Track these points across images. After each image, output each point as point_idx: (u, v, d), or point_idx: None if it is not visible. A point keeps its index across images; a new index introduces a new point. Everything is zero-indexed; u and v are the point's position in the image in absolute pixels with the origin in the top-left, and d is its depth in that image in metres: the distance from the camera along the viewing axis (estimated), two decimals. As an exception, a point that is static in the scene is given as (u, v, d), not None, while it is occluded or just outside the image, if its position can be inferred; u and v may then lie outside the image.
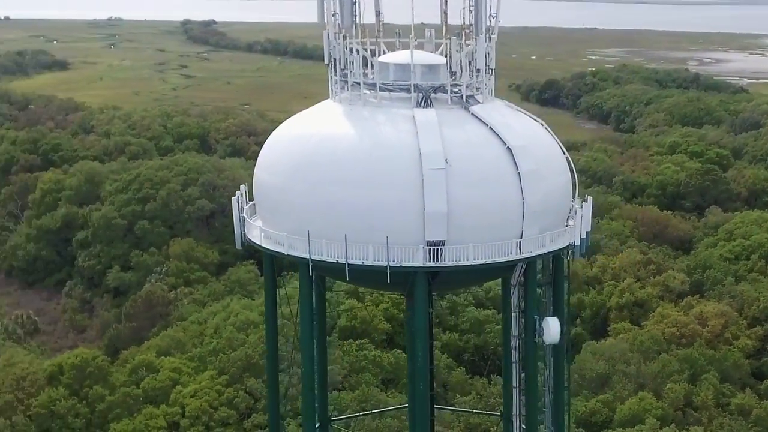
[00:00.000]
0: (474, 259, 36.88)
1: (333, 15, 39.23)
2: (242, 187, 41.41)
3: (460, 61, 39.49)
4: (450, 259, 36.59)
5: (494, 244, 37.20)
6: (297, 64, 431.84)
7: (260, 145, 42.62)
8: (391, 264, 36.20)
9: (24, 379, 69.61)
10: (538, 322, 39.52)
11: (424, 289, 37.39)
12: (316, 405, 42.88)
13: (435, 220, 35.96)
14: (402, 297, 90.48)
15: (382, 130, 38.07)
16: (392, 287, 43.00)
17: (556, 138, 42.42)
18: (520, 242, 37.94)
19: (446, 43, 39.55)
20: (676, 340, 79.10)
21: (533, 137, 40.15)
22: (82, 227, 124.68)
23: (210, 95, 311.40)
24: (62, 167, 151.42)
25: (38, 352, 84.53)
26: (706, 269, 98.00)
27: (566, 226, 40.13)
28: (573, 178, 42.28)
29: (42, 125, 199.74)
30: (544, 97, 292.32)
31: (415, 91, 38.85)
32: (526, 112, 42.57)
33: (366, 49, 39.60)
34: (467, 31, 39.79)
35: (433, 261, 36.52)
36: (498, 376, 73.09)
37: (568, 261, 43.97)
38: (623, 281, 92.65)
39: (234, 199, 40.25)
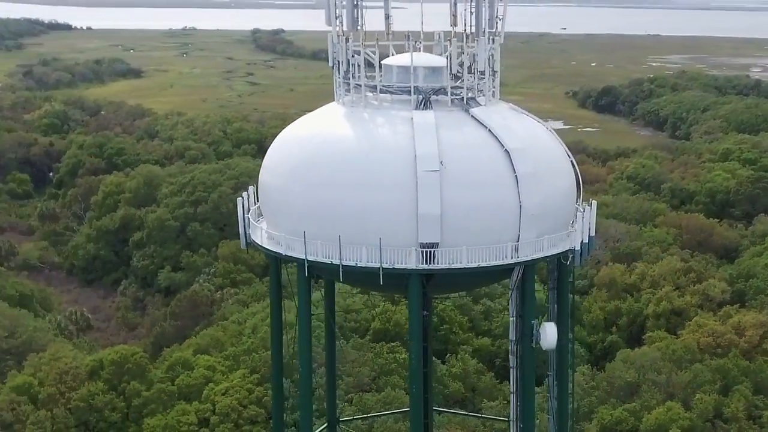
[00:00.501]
0: (468, 262, 36.06)
1: (337, 18, 38.97)
2: (250, 188, 41.37)
3: (462, 63, 38.86)
4: (443, 261, 35.87)
5: (489, 247, 36.32)
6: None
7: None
8: (384, 266, 35.64)
9: (67, 373, 70.86)
10: (535, 327, 38.48)
11: (418, 291, 36.69)
12: (325, 406, 42.71)
13: (428, 222, 35.28)
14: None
15: (379, 132, 37.64)
16: (389, 289, 42.53)
17: (561, 141, 41.38)
18: (516, 246, 37.05)
19: (447, 46, 38.80)
20: (712, 350, 76.48)
21: (534, 140, 39.16)
22: (138, 228, 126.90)
23: (273, 102, 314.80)
24: (124, 170, 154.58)
25: (87, 348, 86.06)
26: (750, 278, 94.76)
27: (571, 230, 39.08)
28: (578, 182, 41.35)
29: (110, 130, 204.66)
30: (600, 103, 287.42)
31: (415, 93, 38.35)
32: (531, 115, 41.62)
33: (368, 52, 39.13)
34: (468, 33, 39.09)
35: (427, 263, 35.85)
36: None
37: (572, 266, 43.06)
38: (661, 289, 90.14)
39: (239, 200, 40.28)
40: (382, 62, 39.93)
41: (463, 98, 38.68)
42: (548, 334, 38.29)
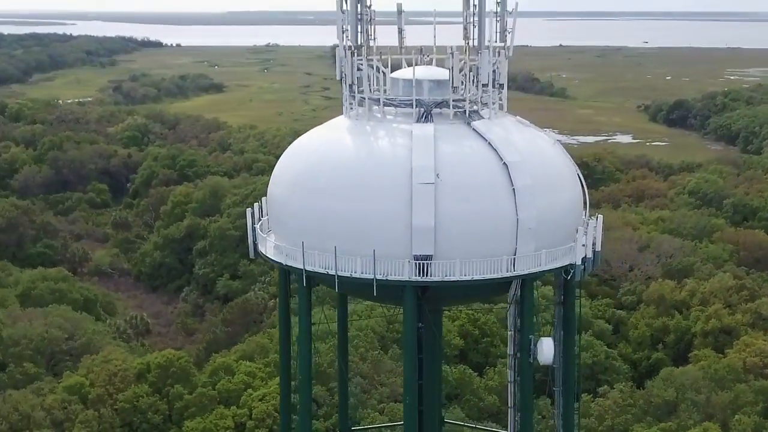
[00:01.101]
0: (461, 275, 35.47)
1: (344, 32, 39.01)
2: (262, 199, 41.71)
3: (465, 76, 38.45)
4: (437, 274, 35.40)
5: (484, 260, 35.60)
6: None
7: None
8: (378, 277, 35.42)
9: (116, 375, 72.51)
10: (533, 342, 37.62)
11: (412, 302, 36.26)
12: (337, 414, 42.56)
13: (422, 235, 34.85)
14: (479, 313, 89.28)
15: (378, 144, 37.42)
16: (386, 300, 42.21)
17: (568, 154, 40.49)
18: (513, 259, 36.34)
19: (456, 59, 38.37)
20: (758, 370, 73.43)
21: (535, 153, 38.30)
22: (202, 237, 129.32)
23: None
24: (194, 182, 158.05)
25: (141, 351, 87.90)
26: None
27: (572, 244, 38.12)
28: (584, 196, 40.36)
29: (186, 143, 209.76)
30: (671, 117, 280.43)
31: (417, 106, 38.12)
32: (537, 128, 40.83)
33: (378, 66, 39.04)
34: (470, 46, 38.68)
35: (421, 275, 35.47)
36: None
37: (580, 281, 42.00)
38: (711, 306, 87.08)
39: (248, 211, 40.58)
40: (389, 76, 39.91)
41: (465, 111, 38.28)
42: (545, 349, 37.39)
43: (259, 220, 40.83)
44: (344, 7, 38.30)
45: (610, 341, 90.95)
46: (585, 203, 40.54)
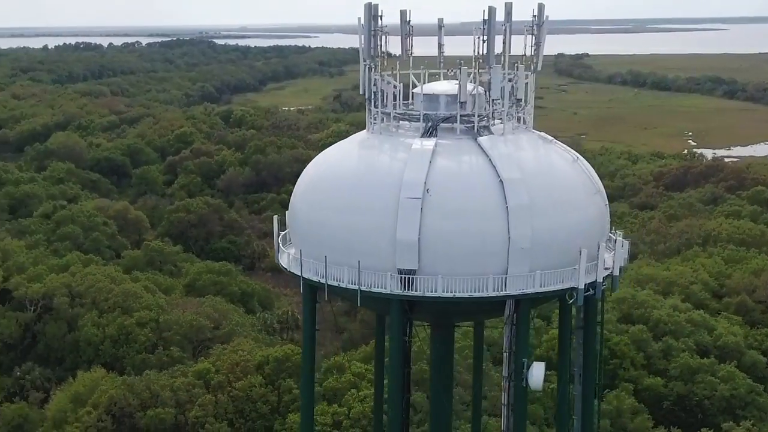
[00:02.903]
0: (444, 291, 35.02)
1: (365, 46, 39.54)
2: None
3: (483, 90, 37.73)
4: (420, 288, 35.17)
5: (469, 278, 34.93)
6: (652, 96, 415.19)
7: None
8: (362, 288, 35.77)
9: (238, 364, 77.02)
10: (525, 366, 36.07)
11: (398, 317, 36.27)
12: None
13: (405, 249, 34.81)
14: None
15: (379, 158, 37.77)
16: (379, 311, 41.84)
17: (589, 173, 38.34)
18: (505, 279, 35.21)
19: (459, 73, 37.80)
20: None
21: (544, 171, 36.94)
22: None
23: (550, 125, 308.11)
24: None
25: (275, 344, 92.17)
26: None
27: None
28: (604, 218, 38.07)
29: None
30: None
31: (423, 121, 37.97)
32: (560, 145, 39.08)
33: (388, 81, 39.29)
34: (480, 60, 37.88)
35: (405, 289, 35.33)
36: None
37: (602, 305, 39.69)
38: None
39: (275, 219, 41.82)
40: (412, 91, 40.01)
41: (474, 126, 37.56)
42: (535, 374, 35.80)
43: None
44: (364, 22, 38.76)
45: (763, 375, 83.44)
46: (606, 225, 38.39)
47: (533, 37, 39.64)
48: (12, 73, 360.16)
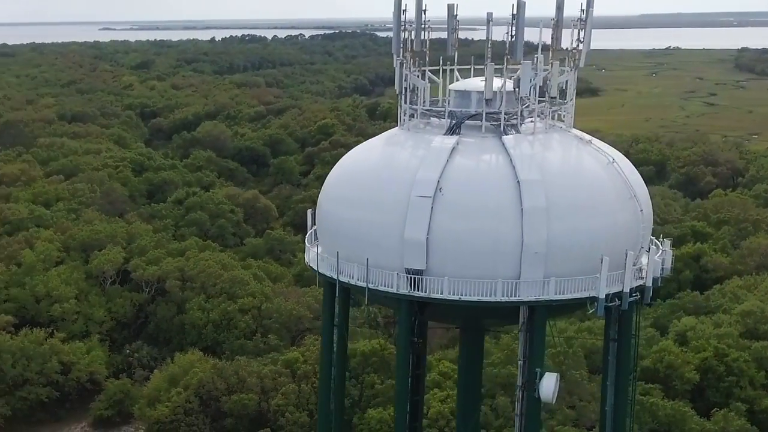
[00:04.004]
0: (449, 294, 34.52)
1: (396, 42, 39.48)
2: None
3: (504, 88, 36.86)
4: (427, 289, 34.84)
5: (476, 281, 34.27)
6: None
7: (717, 176, 41.69)
8: (370, 286, 35.84)
9: (327, 356, 78.82)
10: (538, 376, 34.89)
11: (407, 317, 36.08)
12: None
13: (413, 248, 34.63)
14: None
15: (399, 154, 37.65)
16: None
17: (628, 178, 36.47)
18: (516, 283, 34.27)
19: (485, 68, 37.01)
20: None
21: (571, 173, 35.66)
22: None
23: (721, 123, 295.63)
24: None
25: (372, 338, 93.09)
26: None
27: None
28: (639, 224, 36.13)
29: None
30: None
31: (448, 118, 37.50)
32: (597, 147, 37.38)
33: (418, 76, 39.00)
34: (508, 56, 36.90)
35: (414, 289, 35.10)
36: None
37: (637, 318, 37.76)
38: None
39: (309, 213, 42.05)
40: (448, 87, 39.60)
41: (500, 124, 36.73)
42: (545, 385, 34.58)
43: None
44: (402, 18, 38.65)
45: None
46: (640, 234, 36.41)
47: (577, 32, 38.16)
48: (176, 64, 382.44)
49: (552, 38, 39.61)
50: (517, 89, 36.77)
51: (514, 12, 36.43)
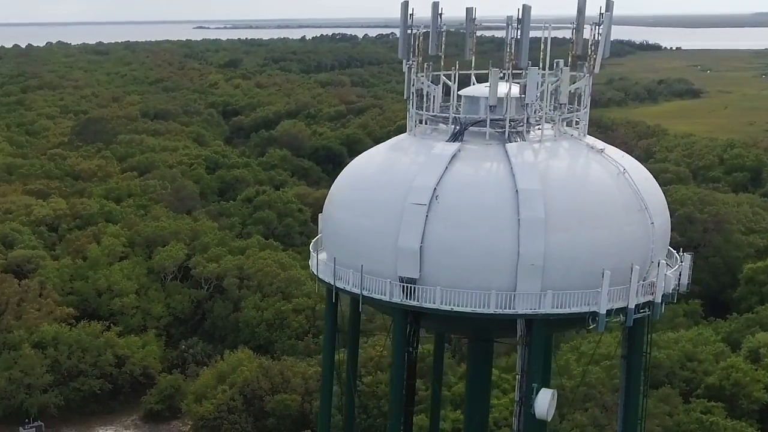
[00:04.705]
0: (441, 304, 34.27)
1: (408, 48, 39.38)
2: None
3: (509, 93, 36.35)
4: (420, 299, 34.69)
5: (469, 292, 33.93)
6: None
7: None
8: (364, 293, 35.94)
9: (372, 359, 79.01)
10: (535, 392, 34.26)
11: (401, 326, 36.03)
12: None
13: (406, 256, 34.54)
14: None
15: (401, 161, 37.52)
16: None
17: (639, 189, 35.36)
18: (512, 296, 33.79)
19: (489, 74, 36.57)
20: None
21: (573, 184, 34.81)
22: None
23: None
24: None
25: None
26: None
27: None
28: (648, 238, 35.06)
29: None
30: None
31: (452, 124, 37.22)
32: (617, 157, 36.31)
33: (428, 82, 38.81)
34: (514, 62, 36.38)
35: (408, 298, 35.00)
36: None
37: (648, 335, 36.67)
38: None
39: (320, 217, 42.05)
40: (460, 92, 39.32)
41: (504, 131, 36.26)
42: (540, 401, 33.95)
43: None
44: (400, 20, 38.67)
45: None
46: (654, 245, 35.30)
47: (594, 36, 37.34)
48: (264, 62, 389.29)
49: (571, 43, 38.85)
50: (522, 95, 36.17)
51: (519, 16, 35.86)
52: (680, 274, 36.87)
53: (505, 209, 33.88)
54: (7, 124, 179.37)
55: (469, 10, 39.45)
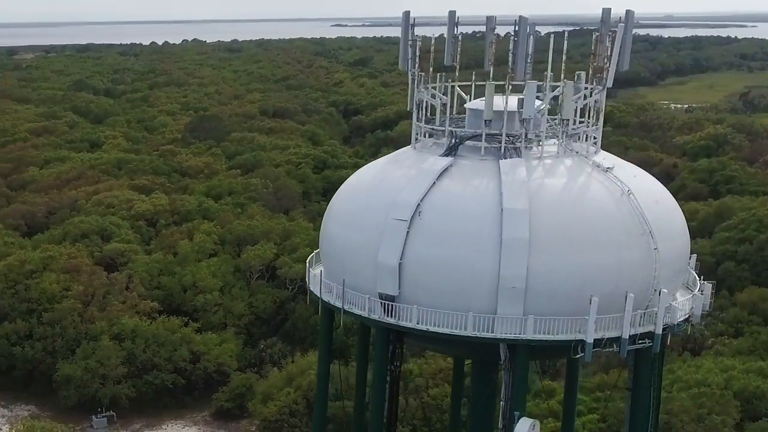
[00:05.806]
0: (417, 323, 33.90)
1: (410, 60, 39.24)
2: None
3: (506, 108, 35.51)
4: (398, 316, 34.46)
5: (446, 312, 33.44)
6: None
7: None
8: (345, 308, 36.02)
9: (441, 371, 78.81)
10: (516, 419, 33.30)
11: (383, 343, 35.89)
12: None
13: (385, 273, 34.49)
14: None
15: (393, 175, 37.30)
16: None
17: (644, 212, 33.71)
18: (492, 320, 33.05)
19: (486, 86, 35.83)
20: None
21: (567, 205, 33.54)
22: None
23: None
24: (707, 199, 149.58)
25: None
26: None
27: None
28: (650, 263, 33.39)
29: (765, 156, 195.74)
30: None
31: (448, 138, 36.69)
32: (625, 176, 34.84)
33: (432, 94, 38.44)
34: (512, 75, 35.45)
35: (388, 315, 34.85)
36: None
37: (657, 367, 35.01)
38: None
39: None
40: (465, 105, 38.79)
41: (501, 146, 35.49)
42: (518, 431, 32.90)
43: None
44: (401, 30, 38.55)
45: None
46: (657, 272, 33.59)
47: (609, 48, 36.06)
48: (394, 61, 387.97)
49: (592, 54, 37.63)
50: (520, 110, 35.23)
51: (516, 28, 34.96)
52: (693, 305, 34.99)
53: (488, 228, 33.18)
54: (128, 120, 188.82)
55: (490, 19, 38.84)
